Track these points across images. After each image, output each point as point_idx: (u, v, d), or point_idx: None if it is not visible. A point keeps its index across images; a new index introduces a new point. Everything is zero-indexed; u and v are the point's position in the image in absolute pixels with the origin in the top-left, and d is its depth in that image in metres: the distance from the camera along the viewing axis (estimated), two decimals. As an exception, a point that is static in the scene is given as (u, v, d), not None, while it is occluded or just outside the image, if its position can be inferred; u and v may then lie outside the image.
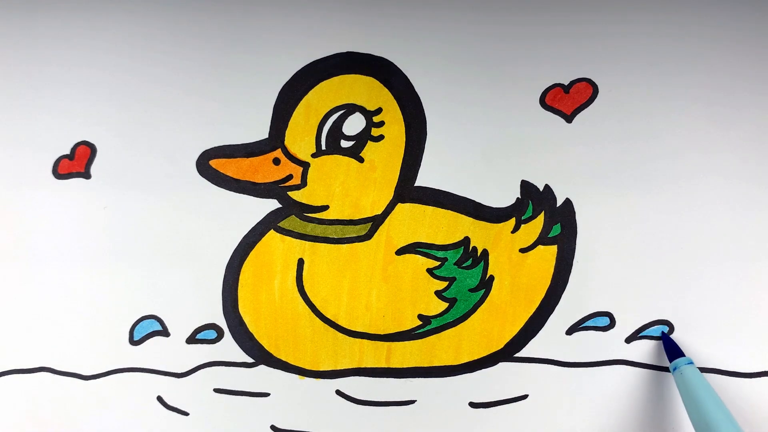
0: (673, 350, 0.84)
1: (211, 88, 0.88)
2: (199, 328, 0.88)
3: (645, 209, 0.87)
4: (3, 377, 0.89)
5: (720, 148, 0.87)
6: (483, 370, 0.88)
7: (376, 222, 0.88)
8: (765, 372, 0.88)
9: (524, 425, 0.88)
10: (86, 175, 0.88)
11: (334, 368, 0.89)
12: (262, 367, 0.89)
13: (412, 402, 0.89)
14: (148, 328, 0.88)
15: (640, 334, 0.88)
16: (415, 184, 0.88)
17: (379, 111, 0.87)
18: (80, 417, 0.89)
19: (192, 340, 0.89)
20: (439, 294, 0.87)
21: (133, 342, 0.89)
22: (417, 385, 0.89)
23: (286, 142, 0.87)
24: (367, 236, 0.88)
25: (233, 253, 0.88)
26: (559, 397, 0.88)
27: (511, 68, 0.87)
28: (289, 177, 0.87)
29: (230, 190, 0.88)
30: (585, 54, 0.87)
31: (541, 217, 0.88)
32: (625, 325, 0.88)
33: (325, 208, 0.88)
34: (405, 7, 0.87)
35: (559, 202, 0.87)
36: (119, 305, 0.88)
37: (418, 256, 0.87)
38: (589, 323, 0.88)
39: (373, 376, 0.89)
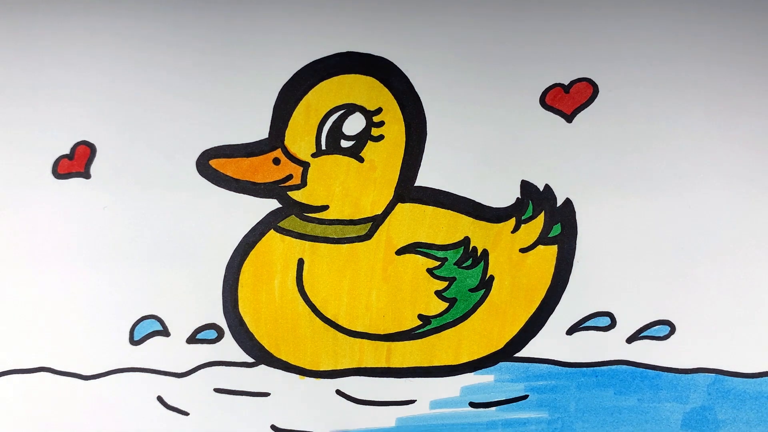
0: None
1: (211, 89, 0.88)
2: (200, 328, 0.88)
3: (646, 209, 0.87)
4: (3, 377, 0.89)
5: (720, 148, 0.87)
6: (483, 370, 0.88)
7: (376, 222, 0.88)
8: (765, 372, 0.88)
9: (524, 425, 0.88)
10: (86, 175, 0.88)
11: (334, 368, 0.89)
12: (262, 367, 0.89)
13: (412, 402, 0.89)
14: (148, 328, 0.88)
15: (641, 334, 0.88)
16: (415, 184, 0.88)
17: (379, 111, 0.87)
18: (80, 417, 0.89)
19: (192, 340, 0.88)
20: (439, 294, 0.87)
21: (134, 342, 0.89)
22: (417, 385, 0.89)
23: (286, 142, 0.87)
24: (367, 236, 0.88)
25: (233, 253, 0.88)
26: (559, 397, 0.88)
27: (511, 68, 0.87)
28: (289, 177, 0.87)
29: (230, 190, 0.88)
30: (585, 54, 0.87)
31: (541, 217, 0.88)
32: (626, 325, 0.88)
33: (325, 208, 0.88)
34: (405, 7, 0.87)
35: (559, 202, 0.87)
36: (119, 305, 0.88)
37: (418, 256, 0.87)
38: (589, 323, 0.88)
39: (373, 376, 0.89)
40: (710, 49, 0.87)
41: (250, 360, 0.88)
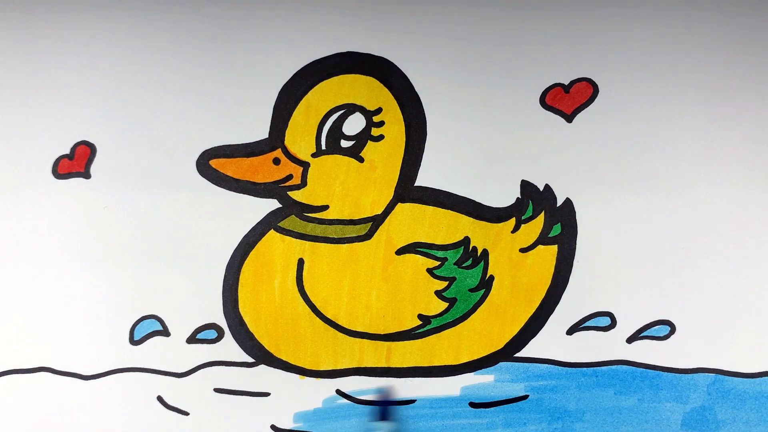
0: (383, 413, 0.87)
1: (211, 89, 0.88)
2: (200, 328, 0.88)
3: (646, 209, 0.87)
4: (3, 377, 0.89)
5: (720, 149, 0.87)
6: (483, 370, 0.88)
7: (376, 222, 0.88)
8: (765, 372, 0.88)
9: (524, 425, 0.88)
10: (86, 175, 0.88)
11: (334, 368, 0.89)
12: (262, 367, 0.89)
13: (412, 402, 0.89)
14: (148, 328, 0.88)
15: (642, 334, 0.88)
16: (415, 184, 0.88)
17: (379, 111, 0.87)
18: (80, 417, 0.89)
19: (192, 340, 0.88)
20: (439, 294, 0.87)
21: (134, 342, 0.89)
22: (417, 385, 0.89)
23: (286, 142, 0.87)
24: (367, 236, 0.88)
25: (233, 253, 0.88)
26: (559, 397, 0.88)
27: (511, 68, 0.87)
28: (289, 177, 0.87)
29: (230, 190, 0.88)
30: (585, 54, 0.87)
31: (541, 217, 0.88)
32: (626, 325, 0.88)
33: (325, 208, 0.88)
34: (405, 7, 0.87)
35: (559, 202, 0.87)
36: (119, 305, 0.88)
37: (418, 256, 0.87)
38: (589, 323, 0.88)
39: (373, 376, 0.89)
40: (710, 50, 0.87)
41: (250, 360, 0.88)
